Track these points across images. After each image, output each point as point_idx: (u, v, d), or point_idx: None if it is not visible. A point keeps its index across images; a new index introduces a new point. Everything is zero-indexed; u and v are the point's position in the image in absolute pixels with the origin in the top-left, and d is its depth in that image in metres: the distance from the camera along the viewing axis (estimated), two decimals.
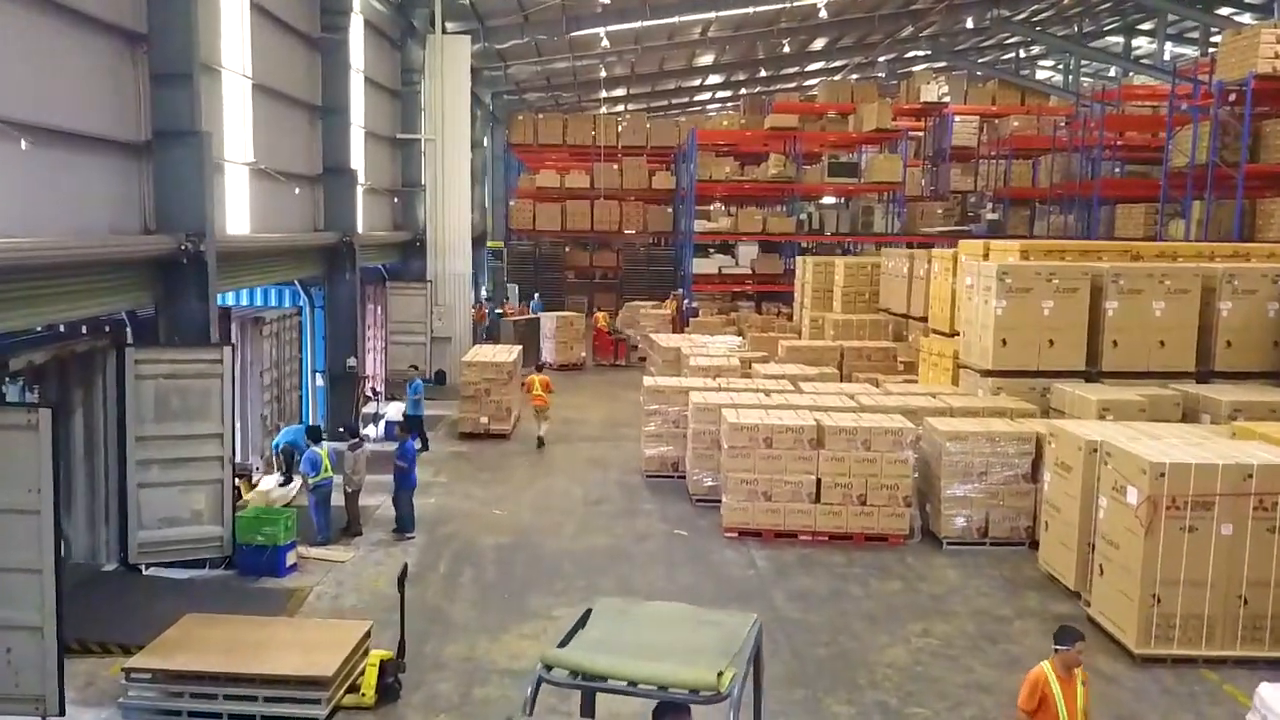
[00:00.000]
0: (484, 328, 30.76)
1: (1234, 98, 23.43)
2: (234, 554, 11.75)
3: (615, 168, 41.99)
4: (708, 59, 43.06)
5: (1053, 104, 38.64)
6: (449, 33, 25.96)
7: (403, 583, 8.68)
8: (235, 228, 14.74)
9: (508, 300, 37.95)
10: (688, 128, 40.27)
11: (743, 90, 49.57)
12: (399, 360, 22.80)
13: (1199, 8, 32.39)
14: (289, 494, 14.26)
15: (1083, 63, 43.31)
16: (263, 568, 11.60)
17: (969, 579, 11.93)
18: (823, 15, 33.74)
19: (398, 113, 25.34)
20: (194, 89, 11.56)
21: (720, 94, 52.71)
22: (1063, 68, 48.17)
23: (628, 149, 42.26)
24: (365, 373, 22.68)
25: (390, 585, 11.39)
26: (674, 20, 33.69)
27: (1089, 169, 31.61)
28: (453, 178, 25.60)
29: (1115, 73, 45.13)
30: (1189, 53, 39.00)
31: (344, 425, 14.92)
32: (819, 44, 41.97)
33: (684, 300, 33.44)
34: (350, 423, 15.37)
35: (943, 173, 39.18)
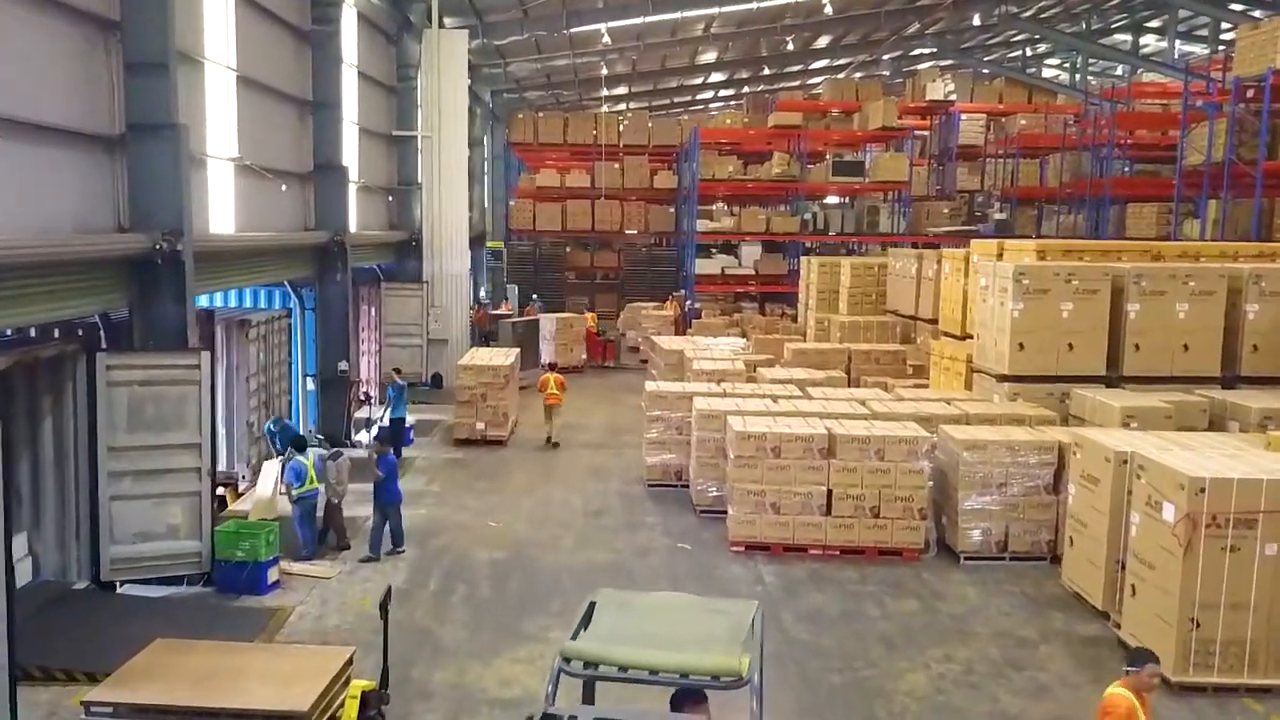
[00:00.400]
0: (482, 330, 30.18)
1: (1251, 93, 22.84)
2: (213, 570, 11.14)
3: (616, 167, 41.42)
4: (710, 56, 42.43)
5: (1060, 102, 38.00)
6: (446, 27, 25.36)
7: (385, 607, 8.05)
8: (219, 226, 14.12)
9: (506, 301, 37.31)
10: (690, 126, 39.67)
11: (746, 89, 48.96)
12: (393, 364, 22.19)
13: (1210, 2, 31.75)
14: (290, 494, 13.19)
15: (1090, 61, 42.70)
16: (243, 585, 10.98)
17: (989, 597, 11.30)
18: (828, 11, 33.12)
19: (393, 109, 24.72)
20: (170, 79, 10.93)
21: (723, 92, 52.10)
22: (1069, 66, 47.66)
23: (629, 148, 41.69)
24: (360, 376, 22.12)
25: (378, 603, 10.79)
26: (676, 16, 33.06)
27: (1099, 168, 30.98)
28: (450, 176, 25.03)
29: (1122, 71, 44.61)
30: (1197, 50, 38.44)
31: (321, 433, 14.22)
32: (823, 41, 41.34)
33: (686, 301, 32.83)
34: (335, 429, 14.77)
35: (949, 172, 38.60)
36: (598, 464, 17.33)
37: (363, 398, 20.11)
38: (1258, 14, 30.60)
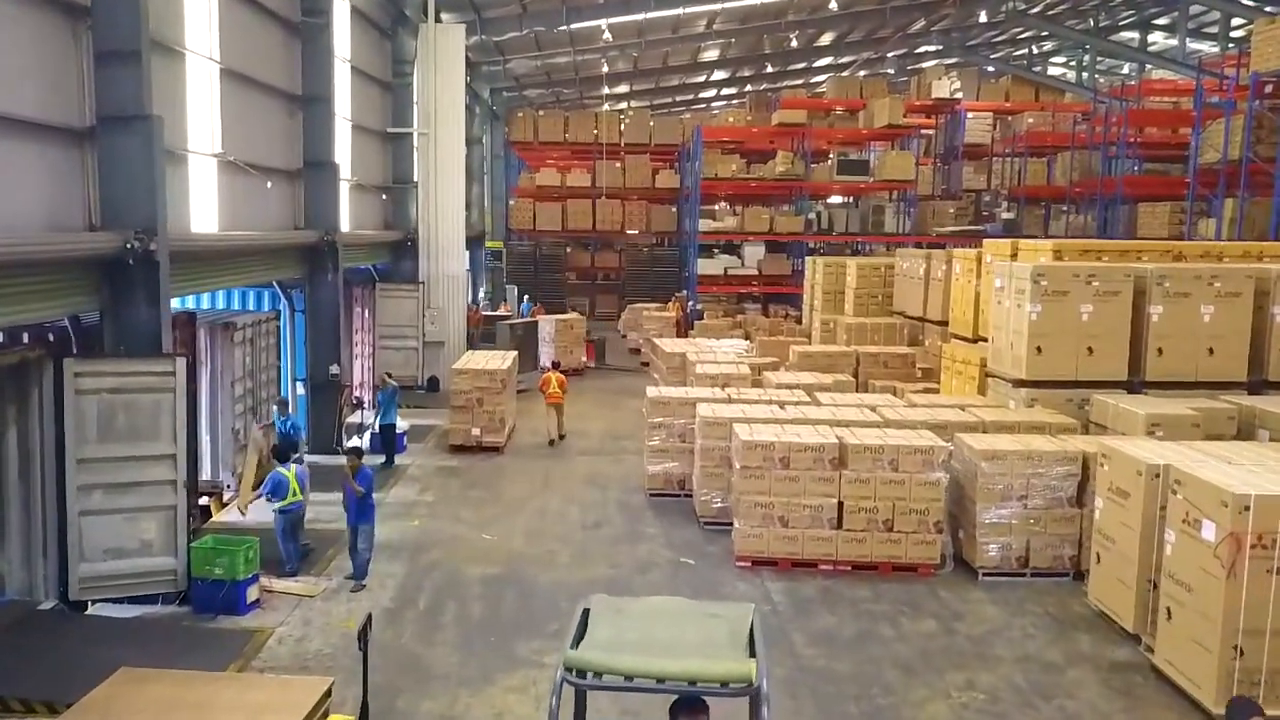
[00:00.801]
0: (480, 332, 29.58)
1: (1270, 89, 22.24)
2: (189, 589, 10.51)
3: (618, 166, 40.88)
4: (713, 54, 41.84)
5: (1068, 100, 37.36)
6: (443, 22, 24.75)
7: (365, 637, 7.42)
8: (201, 225, 13.49)
9: (505, 302, 36.69)
10: (692, 125, 39.07)
11: (748, 87, 48.35)
12: (388, 367, 21.58)
13: None
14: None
15: (1097, 59, 42.12)
16: (220, 605, 10.34)
17: (1011, 617, 10.66)
18: (833, 7, 32.56)
19: (388, 106, 24.10)
20: (143, 69, 10.29)
21: (725, 91, 51.49)
22: (1075, 65, 47.04)
23: (630, 147, 41.15)
24: (354, 380, 21.52)
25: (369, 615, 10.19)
26: (679, 12, 32.48)
27: (1108, 167, 30.34)
28: (446, 174, 24.41)
29: (1129, 69, 43.99)
30: (1206, 48, 37.84)
31: (276, 444, 13.37)
32: (827, 39, 40.76)
33: (688, 302, 32.22)
34: (326, 435, 14.10)
35: (955, 171, 38.01)
36: (597, 471, 16.70)
37: (354, 402, 19.50)
38: (1270, 9, 30.01)
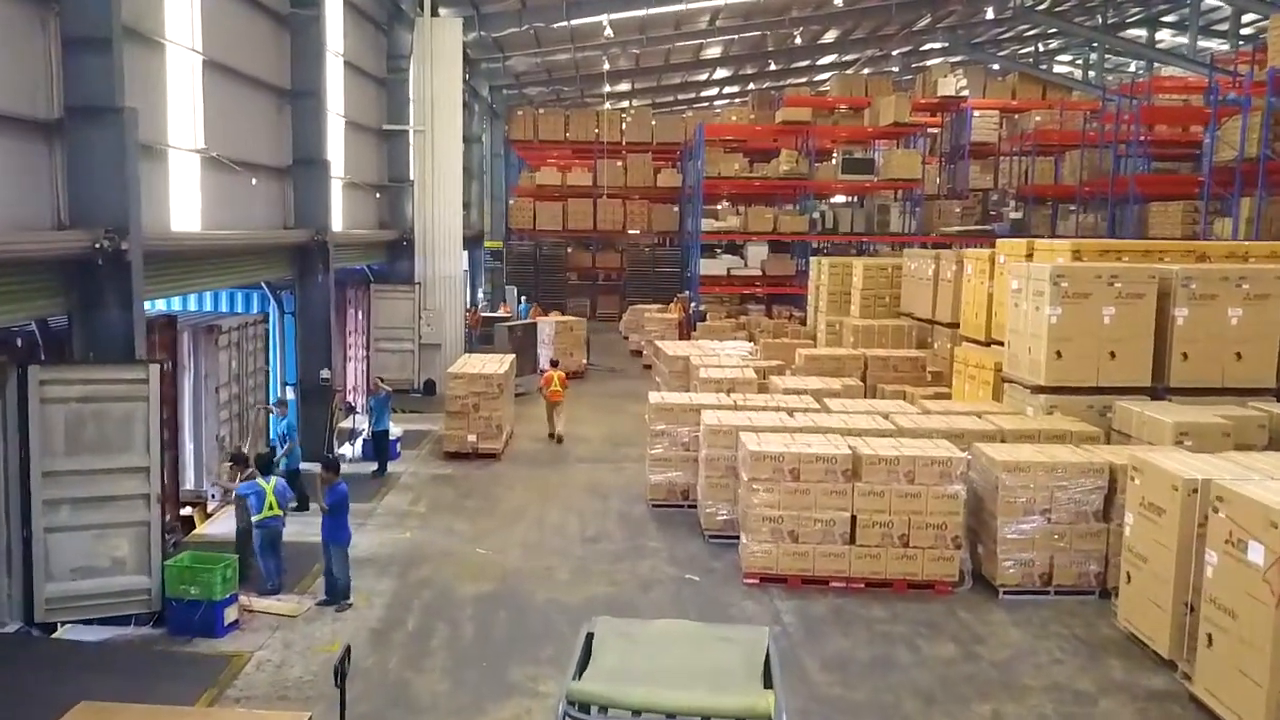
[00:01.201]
0: (479, 334, 28.98)
1: None
2: (163, 609, 9.91)
3: (619, 165, 40.32)
4: (715, 51, 41.22)
5: (1075, 98, 36.74)
6: (439, 16, 24.14)
7: (342, 672, 6.79)
8: (182, 223, 12.89)
9: (505, 303, 36.07)
10: (694, 123, 38.46)
11: (751, 85, 47.73)
12: (383, 370, 21.01)
13: None
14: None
15: (1104, 57, 41.51)
16: (196, 626, 9.72)
17: (1036, 640, 10.04)
18: (837, 3, 31.96)
19: (383, 102, 23.49)
20: (114, 57, 9.68)
21: (728, 89, 50.90)
22: (1081, 63, 46.42)
23: (632, 145, 40.58)
24: (348, 384, 20.94)
25: (352, 642, 9.57)
26: (680, 8, 31.90)
27: (1120, 165, 29.68)
28: (443, 172, 23.82)
29: (1135, 67, 43.37)
30: (1215, 45, 37.25)
31: (232, 455, 12.48)
32: (831, 36, 40.15)
33: (691, 303, 31.60)
34: (317, 442, 13.49)
35: (961, 170, 37.38)
36: (597, 480, 16.08)
37: (346, 408, 18.87)
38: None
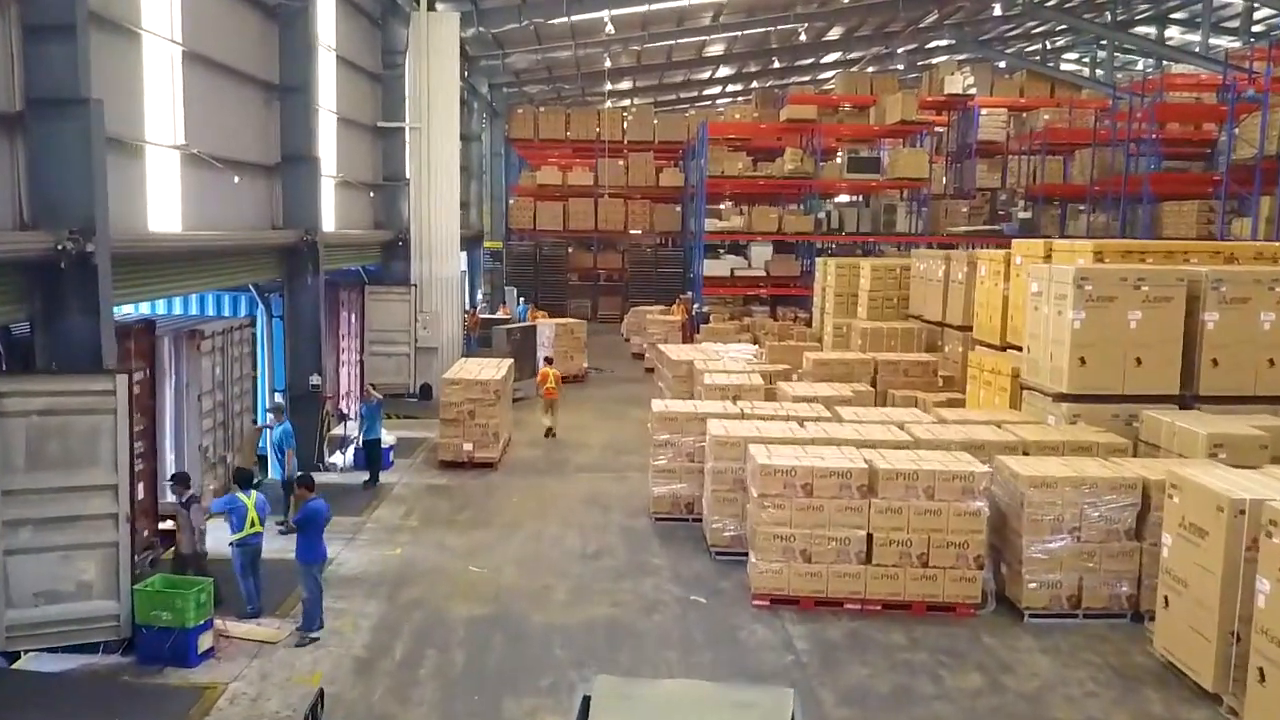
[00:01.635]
0: (477, 337, 28.35)
1: None
2: (133, 636, 9.27)
3: (620, 164, 39.72)
4: (718, 48, 40.58)
5: (1084, 96, 36.07)
6: (436, 10, 23.49)
7: (314, 718, 6.15)
8: (161, 223, 12.23)
9: (505, 305, 35.45)
10: (697, 122, 37.83)
11: (754, 83, 47.10)
12: (377, 374, 20.38)
13: None
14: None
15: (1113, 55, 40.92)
16: (167, 655, 9.08)
17: (1066, 669, 9.39)
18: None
19: (378, 99, 22.82)
20: (79, 44, 9.03)
21: (730, 87, 50.28)
22: (1089, 61, 45.78)
23: (634, 144, 39.97)
24: (341, 389, 20.27)
25: (334, 672, 8.98)
26: (683, 4, 31.27)
27: (1129, 164, 29.03)
28: (440, 171, 23.13)
29: (1144, 65, 42.73)
30: (1224, 43, 36.63)
31: (174, 474, 11.44)
32: (836, 33, 39.51)
33: (694, 305, 30.95)
34: (307, 451, 12.82)
35: (968, 169, 36.67)
36: (597, 491, 15.43)
37: (338, 414, 18.24)
38: None
